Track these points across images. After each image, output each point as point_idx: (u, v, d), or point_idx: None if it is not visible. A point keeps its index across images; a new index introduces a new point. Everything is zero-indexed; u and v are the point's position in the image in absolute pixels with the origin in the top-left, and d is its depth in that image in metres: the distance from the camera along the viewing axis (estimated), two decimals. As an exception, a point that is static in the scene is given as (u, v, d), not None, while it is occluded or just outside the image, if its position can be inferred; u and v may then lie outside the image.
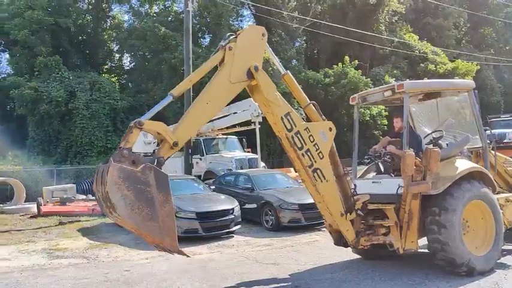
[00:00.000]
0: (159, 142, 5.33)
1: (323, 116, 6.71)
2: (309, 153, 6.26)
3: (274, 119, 6.20)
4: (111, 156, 4.92)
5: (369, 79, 29.85)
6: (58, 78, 28.03)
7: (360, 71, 30.15)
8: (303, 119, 6.82)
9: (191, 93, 16.44)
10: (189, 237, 10.53)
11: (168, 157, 5.30)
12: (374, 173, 7.85)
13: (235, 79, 5.80)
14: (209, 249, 9.79)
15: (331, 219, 6.86)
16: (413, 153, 6.66)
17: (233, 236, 11.15)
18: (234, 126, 18.81)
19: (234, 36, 6.03)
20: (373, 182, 7.49)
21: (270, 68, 26.36)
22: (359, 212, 6.89)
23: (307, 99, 6.70)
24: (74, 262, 8.82)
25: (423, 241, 7.12)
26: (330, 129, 6.53)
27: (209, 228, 10.84)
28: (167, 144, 5.19)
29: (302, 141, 6.24)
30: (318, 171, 6.32)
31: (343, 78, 29.55)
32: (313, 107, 6.69)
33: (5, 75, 35.83)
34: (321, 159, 6.34)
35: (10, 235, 12.20)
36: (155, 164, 4.99)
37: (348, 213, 6.74)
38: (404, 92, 7.12)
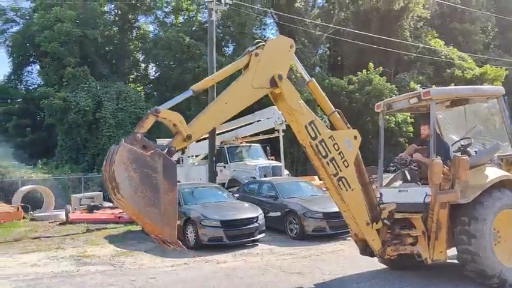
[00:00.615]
0: (173, 134, 5.32)
1: (348, 124, 6.66)
2: (333, 162, 6.21)
3: (298, 127, 6.18)
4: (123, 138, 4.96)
5: (393, 86, 29.45)
6: (86, 88, 28.77)
7: (384, 77, 29.79)
8: (327, 127, 6.77)
9: (215, 94, 16.38)
10: (214, 246, 10.58)
11: (180, 149, 5.31)
12: (400, 182, 7.72)
13: (257, 84, 5.83)
14: (234, 258, 9.79)
15: (356, 229, 6.77)
16: (441, 161, 6.52)
17: (257, 245, 11.13)
18: (257, 134, 18.86)
19: (262, 43, 6.07)
20: (399, 191, 7.36)
21: (294, 76, 26.42)
22: (385, 221, 6.77)
23: (332, 107, 6.67)
24: (101, 269, 8.96)
25: (452, 251, 6.94)
26: (355, 137, 6.46)
27: (233, 236, 10.85)
28: (181, 136, 5.19)
29: (327, 150, 6.19)
30: (343, 179, 6.26)
31: (367, 85, 29.26)
32: (338, 115, 6.65)
33: (36, 86, 36.99)
34: (346, 167, 6.28)
35: (40, 242, 12.51)
36: (166, 152, 4.99)
37: (374, 223, 6.64)
38: (430, 99, 7.00)
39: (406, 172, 7.59)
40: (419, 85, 30.63)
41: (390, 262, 7.58)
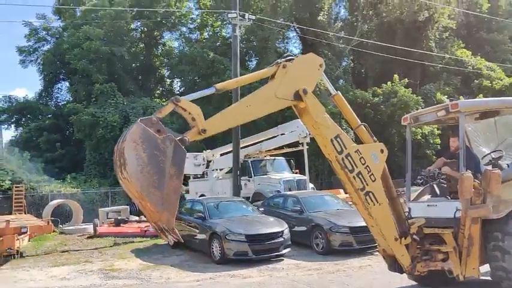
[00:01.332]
0: (191, 126, 5.30)
1: (374, 137, 6.58)
2: (360, 176, 6.12)
3: (324, 141, 6.15)
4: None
5: (419, 97, 29.04)
6: (113, 103, 29.49)
7: (409, 89, 29.41)
8: (353, 140, 6.70)
9: (239, 97, 16.41)
10: (239, 260, 10.55)
11: (192, 141, 5.28)
12: (429, 196, 7.55)
13: (280, 95, 5.83)
14: (259, 273, 9.73)
15: (384, 244, 6.63)
16: (471, 175, 6.35)
17: (283, 259, 11.03)
18: (281, 147, 18.83)
19: (292, 57, 6.10)
20: (428, 205, 7.20)
21: (318, 89, 26.38)
22: (414, 236, 6.61)
23: (358, 121, 6.60)
24: (128, 283, 9.05)
25: (485, 268, 6.71)
26: (382, 151, 6.35)
27: (259, 250, 10.79)
28: (196, 129, 5.19)
29: (353, 164, 6.11)
30: (370, 194, 6.16)
31: (392, 96, 28.94)
32: (364, 128, 6.57)
33: (65, 102, 38.10)
34: (373, 181, 6.18)
35: (69, 255, 12.75)
36: (179, 139, 4.96)
37: (403, 238, 6.50)
38: (459, 112, 6.86)
39: (435, 186, 7.42)
40: (445, 96, 30.10)
41: (420, 278, 7.37)
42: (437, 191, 7.35)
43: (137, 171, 4.61)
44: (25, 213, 20.92)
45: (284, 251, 11.19)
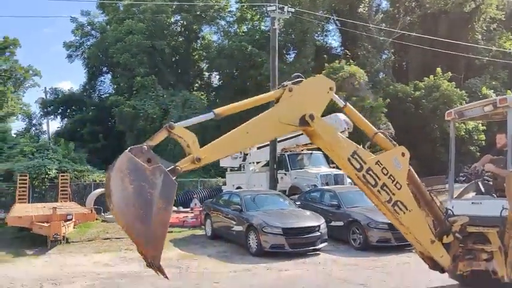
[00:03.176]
0: (186, 154, 5.06)
1: (393, 142, 6.20)
2: (385, 188, 5.77)
3: (341, 161, 5.84)
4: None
5: (463, 91, 27.99)
6: (153, 96, 30.18)
7: (453, 83, 28.40)
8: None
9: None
10: (275, 253, 10.60)
11: (186, 171, 5.05)
12: (473, 193, 7.30)
13: (285, 120, 5.46)
14: (295, 266, 9.75)
15: (421, 248, 6.41)
16: (519, 173, 6.09)
17: (319, 254, 11.00)
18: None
19: (300, 80, 5.72)
20: (472, 203, 6.96)
21: (356, 82, 25.97)
22: (457, 234, 6.41)
23: (374, 128, 6.24)
24: (167, 271, 9.25)
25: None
26: (403, 154, 5.97)
27: (295, 244, 10.82)
28: (190, 157, 4.94)
29: (375, 177, 5.75)
30: (399, 203, 5.83)
31: (434, 91, 28.04)
32: (382, 135, 6.20)
33: (107, 94, 39.34)
34: (399, 189, 5.84)
35: (111, 242, 13.21)
36: (169, 169, 4.74)
37: (445, 236, 6.31)
38: (507, 107, 6.57)
39: (480, 183, 7.16)
40: (492, 91, 28.88)
41: (462, 278, 7.16)
42: (482, 189, 7.10)
43: (122, 205, 4.37)
44: (70, 201, 21.84)
45: (321, 246, 11.15)
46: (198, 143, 4.98)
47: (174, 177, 4.72)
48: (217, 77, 38.92)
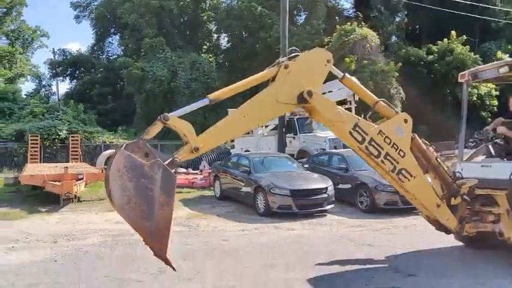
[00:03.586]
0: (183, 143, 5.00)
1: (395, 109, 6.09)
2: (388, 158, 5.71)
3: (343, 135, 5.76)
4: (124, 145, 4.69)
5: (477, 56, 27.40)
6: (162, 58, 29.94)
7: (467, 47, 27.76)
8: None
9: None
10: (283, 213, 10.77)
11: (184, 160, 5.02)
12: (483, 156, 7.28)
13: (282, 99, 5.33)
14: (302, 226, 9.91)
15: (427, 213, 6.43)
16: (531, 136, 6.03)
17: (326, 215, 11.14)
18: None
19: (296, 54, 5.56)
20: (482, 166, 6.95)
21: (368, 45, 25.45)
22: (465, 196, 6.43)
23: (375, 97, 6.08)
24: (178, 229, 9.47)
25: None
26: (406, 120, 5.87)
27: (302, 205, 10.95)
28: (188, 147, 4.87)
29: (378, 148, 5.68)
30: (403, 171, 5.79)
31: (448, 55, 27.49)
32: (383, 103, 6.03)
33: (116, 56, 39.09)
34: (402, 157, 5.78)
35: (122, 202, 13.44)
36: (168, 162, 4.68)
37: (452, 198, 6.34)
38: (523, 68, 6.44)
39: (490, 146, 7.12)
40: (507, 55, 28.21)
41: (467, 239, 7.26)
42: (493, 152, 7.07)
43: (123, 203, 4.36)
44: (80, 162, 22.18)
45: (327, 207, 11.29)
46: (193, 132, 4.92)
47: (173, 170, 4.70)
48: (226, 38, 38.41)
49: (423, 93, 26.44)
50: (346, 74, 5.93)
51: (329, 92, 17.90)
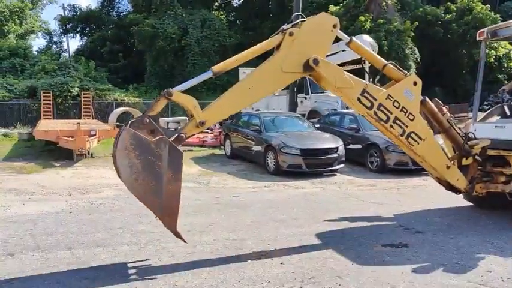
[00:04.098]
0: (189, 117, 5.05)
1: (404, 71, 5.91)
2: (397, 122, 5.63)
3: (351, 101, 5.64)
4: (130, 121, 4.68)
5: (498, 15, 26.46)
6: (172, 15, 29.42)
7: (487, 6, 26.78)
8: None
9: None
10: (293, 172, 10.86)
11: (191, 135, 5.04)
12: (498, 117, 7.18)
13: (288, 68, 5.20)
14: (312, 184, 10.01)
15: (437, 174, 6.40)
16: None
17: (336, 175, 11.22)
18: (342, 64, 18.21)
19: (300, 20, 5.36)
20: (495, 126, 6.86)
21: (384, 3, 24.69)
22: (477, 157, 6.40)
23: (383, 60, 5.91)
24: (189, 185, 9.64)
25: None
26: (415, 83, 5.73)
27: (312, 164, 11.02)
28: (194, 122, 4.87)
29: (387, 112, 5.58)
30: (412, 134, 5.71)
31: (467, 14, 26.58)
32: (392, 66, 5.88)
33: (126, 12, 38.47)
34: (412, 121, 5.69)
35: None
36: (174, 138, 4.71)
37: (464, 158, 6.31)
38: (546, 26, 6.22)
39: (506, 107, 7.01)
40: (529, 15, 27.25)
41: (477, 200, 7.30)
42: (508, 112, 6.97)
43: (131, 181, 4.46)
44: (92, 119, 22.38)
45: (337, 167, 11.34)
46: (198, 106, 4.89)
47: (180, 146, 4.71)
48: (238, -5, 37.45)
49: (439, 55, 25.83)
50: (353, 37, 5.76)
51: (343, 50, 17.59)
